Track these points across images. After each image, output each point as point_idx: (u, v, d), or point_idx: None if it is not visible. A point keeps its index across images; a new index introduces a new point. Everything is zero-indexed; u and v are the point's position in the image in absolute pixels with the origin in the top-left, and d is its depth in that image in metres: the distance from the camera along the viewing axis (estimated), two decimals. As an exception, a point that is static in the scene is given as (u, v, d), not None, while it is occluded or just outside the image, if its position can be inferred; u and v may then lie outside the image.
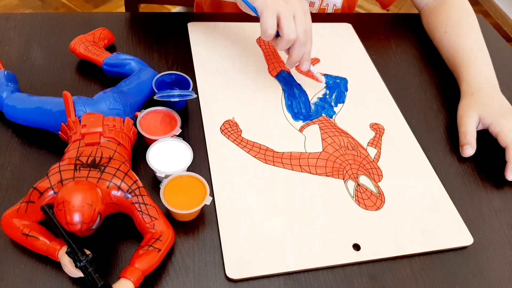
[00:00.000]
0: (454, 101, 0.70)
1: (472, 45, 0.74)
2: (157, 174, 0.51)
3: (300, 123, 0.63)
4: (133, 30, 0.73)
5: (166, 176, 0.50)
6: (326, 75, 0.71)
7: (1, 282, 0.43)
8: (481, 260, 0.52)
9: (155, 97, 0.57)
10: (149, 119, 0.56)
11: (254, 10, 0.60)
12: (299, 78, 0.70)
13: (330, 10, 0.91)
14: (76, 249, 0.41)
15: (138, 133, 0.54)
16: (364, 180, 0.57)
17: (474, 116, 0.64)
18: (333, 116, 0.65)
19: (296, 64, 0.64)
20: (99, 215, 0.41)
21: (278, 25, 0.59)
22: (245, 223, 0.50)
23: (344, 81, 0.71)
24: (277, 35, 0.60)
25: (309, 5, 0.89)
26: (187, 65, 0.69)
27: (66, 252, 0.41)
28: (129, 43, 0.71)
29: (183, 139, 0.54)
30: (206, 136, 0.59)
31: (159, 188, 0.48)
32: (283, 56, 0.73)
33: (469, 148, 0.62)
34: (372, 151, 0.61)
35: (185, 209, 0.47)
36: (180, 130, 0.55)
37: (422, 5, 0.86)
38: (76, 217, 0.39)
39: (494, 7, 2.53)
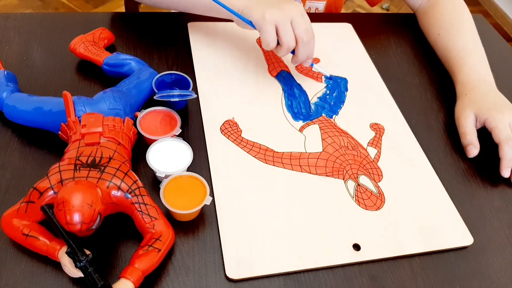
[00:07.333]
0: (455, 101, 0.70)
1: (465, 46, 0.73)
2: (157, 174, 0.51)
3: (300, 123, 0.63)
4: (133, 30, 0.73)
5: (166, 176, 0.50)
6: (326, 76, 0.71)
7: (1, 282, 0.43)
8: (481, 260, 0.52)
9: (155, 97, 0.57)
10: (149, 119, 0.56)
11: (252, 24, 0.62)
12: (299, 78, 0.70)
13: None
14: (76, 249, 0.41)
15: (138, 133, 0.54)
16: (364, 180, 0.57)
17: (470, 115, 0.64)
18: (333, 116, 0.65)
19: (301, 62, 0.65)
20: (99, 215, 0.41)
21: (277, 33, 0.61)
22: (245, 223, 0.50)
23: (344, 81, 0.71)
24: (278, 43, 0.62)
25: None
26: (187, 65, 0.69)
27: (66, 252, 0.41)
28: (129, 43, 0.71)
29: (183, 139, 0.54)
30: (206, 136, 0.59)
31: (159, 188, 0.48)
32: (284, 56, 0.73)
33: (472, 148, 0.62)
34: (372, 151, 0.61)
35: (185, 209, 0.47)
36: (180, 130, 0.55)
37: (416, 7, 0.86)
38: (76, 217, 0.39)
39: (494, 7, 2.53)
